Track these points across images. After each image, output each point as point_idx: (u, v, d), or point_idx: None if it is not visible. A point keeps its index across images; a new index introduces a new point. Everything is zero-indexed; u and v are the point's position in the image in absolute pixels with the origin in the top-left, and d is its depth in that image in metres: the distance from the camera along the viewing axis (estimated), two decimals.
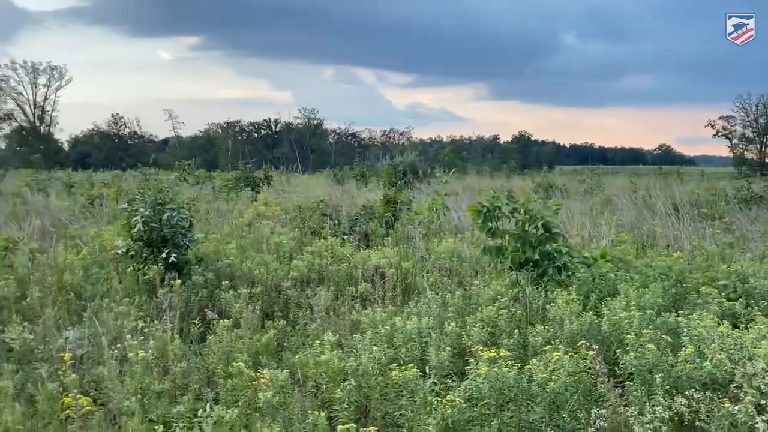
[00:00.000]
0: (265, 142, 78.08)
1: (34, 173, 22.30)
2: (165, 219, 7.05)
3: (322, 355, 3.98)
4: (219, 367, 4.52)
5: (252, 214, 11.83)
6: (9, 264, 7.08)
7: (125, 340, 4.69)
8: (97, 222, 12.14)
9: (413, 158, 32.41)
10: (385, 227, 10.63)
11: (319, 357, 4.01)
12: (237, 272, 7.27)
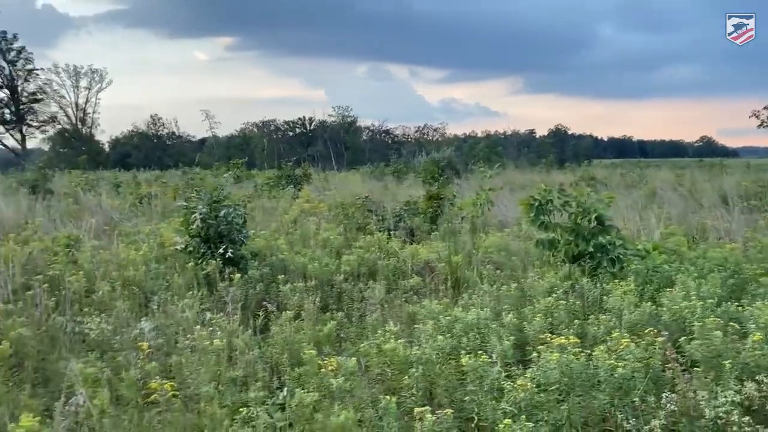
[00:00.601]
0: (300, 140, 78.79)
1: (83, 173, 23.01)
2: (222, 216, 7.30)
3: (387, 344, 4.12)
4: (284, 356, 4.71)
5: (296, 211, 12.06)
6: (73, 260, 7.39)
7: (194, 331, 4.92)
8: (148, 219, 12.54)
9: (450, 154, 32.45)
10: (429, 223, 10.75)
11: (384, 346, 4.15)
12: (290, 267, 7.47)
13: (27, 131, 57.51)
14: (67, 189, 17.65)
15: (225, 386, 4.01)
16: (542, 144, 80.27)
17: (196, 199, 7.53)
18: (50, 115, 59.51)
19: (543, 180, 21.53)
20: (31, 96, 57.63)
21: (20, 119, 56.50)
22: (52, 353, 4.79)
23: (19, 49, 56.35)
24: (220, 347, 4.26)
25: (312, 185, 20.29)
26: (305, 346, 4.58)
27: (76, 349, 4.92)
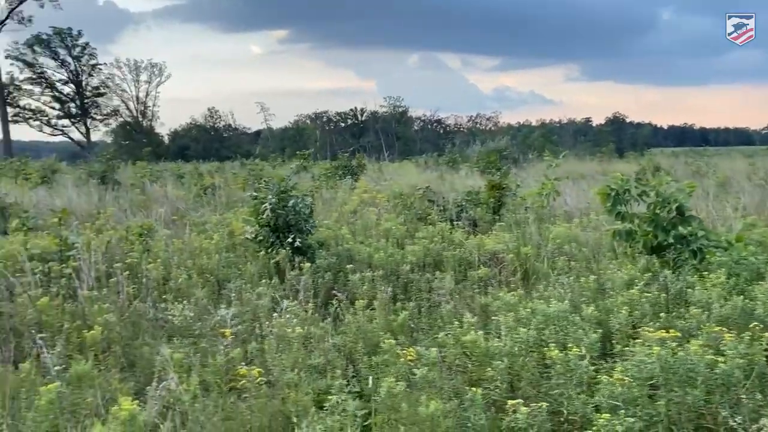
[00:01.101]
0: (352, 131, 79.18)
1: (148, 165, 23.73)
2: (290, 206, 7.39)
3: (467, 335, 4.08)
4: (359, 345, 4.73)
5: (356, 201, 12.12)
6: (148, 249, 7.62)
7: (272, 318, 5.01)
8: (213, 210, 12.84)
9: (506, 143, 32.01)
10: (492, 213, 10.61)
11: (464, 337, 4.11)
12: (356, 256, 7.51)
13: (91, 124, 59.68)
14: (133, 180, 18.24)
15: (306, 374, 4.05)
16: (599, 132, 78.14)
17: (265, 189, 7.64)
18: (113, 108, 61.58)
19: (605, 169, 21.00)
20: (94, 90, 59.73)
21: (85, 113, 58.66)
22: (135, 339, 4.95)
23: (84, 45, 58.42)
24: (302, 334, 4.30)
25: (367, 175, 20.38)
26: (381, 336, 4.60)
27: (158, 335, 5.07)
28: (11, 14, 50.84)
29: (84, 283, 5.65)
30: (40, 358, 4.31)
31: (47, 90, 57.12)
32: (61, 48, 57.64)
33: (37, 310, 5.05)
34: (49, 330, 4.85)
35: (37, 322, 4.99)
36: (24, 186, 14.28)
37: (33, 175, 16.53)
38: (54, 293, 5.59)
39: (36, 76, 56.56)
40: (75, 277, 5.79)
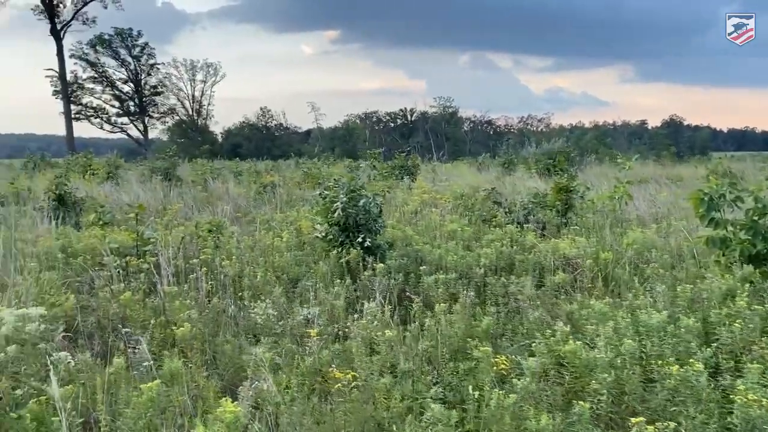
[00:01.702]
0: (401, 131, 79.12)
1: (208, 162, 24.16)
2: (361, 205, 7.32)
3: (566, 345, 3.89)
4: (443, 350, 4.59)
5: (417, 201, 11.98)
6: (217, 245, 7.66)
7: (349, 319, 4.92)
8: (274, 207, 12.93)
9: (561, 145, 31.33)
10: (559, 216, 10.32)
11: (563, 347, 3.93)
12: (426, 258, 7.37)
13: (148, 122, 61.38)
14: (193, 177, 18.57)
15: (393, 378, 3.94)
16: (655, 135, 75.88)
17: (336, 188, 7.59)
18: (169, 107, 63.23)
19: (671, 173, 20.27)
20: (152, 89, 61.41)
21: (143, 111, 60.36)
22: (216, 336, 4.93)
23: (143, 45, 60.12)
24: (392, 338, 4.19)
25: (422, 176, 20.21)
26: (467, 341, 4.45)
27: (238, 332, 5.05)
28: (76, 15, 52.64)
29: (164, 279, 5.68)
30: (127, 353, 4.33)
31: (108, 88, 59.05)
32: (122, 48, 59.49)
33: (120, 304, 5.09)
34: (132, 325, 4.87)
35: (120, 316, 5.03)
36: (92, 181, 14.68)
37: (100, 170, 17.00)
38: (134, 288, 5.65)
39: (98, 75, 58.54)
40: (154, 272, 5.83)
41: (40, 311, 3.32)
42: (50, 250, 6.69)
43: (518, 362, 4.07)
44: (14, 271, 5.48)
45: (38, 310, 3.32)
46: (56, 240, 7.14)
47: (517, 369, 4.02)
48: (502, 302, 6.01)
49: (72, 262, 6.45)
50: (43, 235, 7.48)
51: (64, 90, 53.07)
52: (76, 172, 16.53)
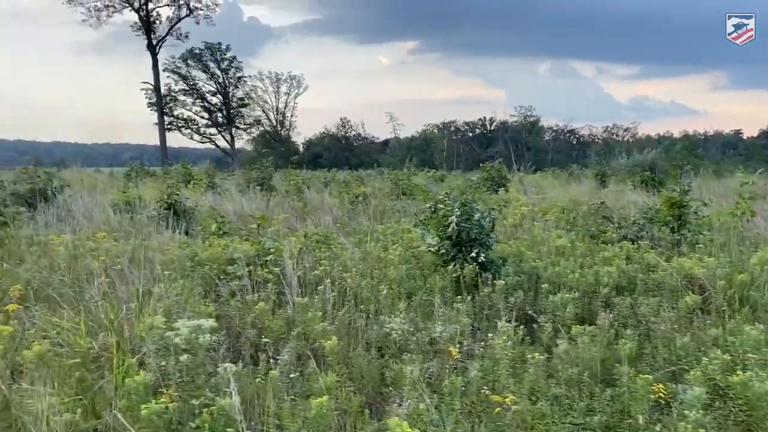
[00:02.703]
0: (479, 141, 78.54)
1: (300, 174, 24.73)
2: (476, 219, 7.23)
3: (735, 376, 3.65)
4: (584, 375, 4.42)
5: (518, 214, 11.75)
6: (333, 256, 7.74)
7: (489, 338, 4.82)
8: (369, 218, 13.03)
9: (654, 156, 30.11)
10: (672, 233, 9.85)
11: (728, 377, 3.69)
12: (544, 275, 7.17)
13: (235, 133, 63.72)
14: (286, 187, 19.03)
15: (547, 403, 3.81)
16: (751, 146, 71.78)
17: (448, 202, 7.53)
18: (255, 118, 65.50)
19: None
20: (239, 101, 63.80)
21: (230, 122, 62.76)
22: (349, 349, 4.95)
23: (231, 58, 62.63)
24: (540, 361, 4.07)
25: (512, 188, 19.88)
26: (616, 366, 4.27)
27: (370, 346, 5.05)
28: (171, 31, 55.43)
29: (293, 290, 5.79)
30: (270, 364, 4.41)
31: (198, 100, 61.74)
32: (211, 61, 62.18)
33: (256, 314, 5.21)
34: (270, 335, 4.97)
35: (257, 326, 5.15)
36: (196, 191, 15.30)
37: (202, 180, 17.71)
38: (263, 298, 5.78)
39: (189, 87, 61.36)
40: (283, 282, 5.94)
41: (211, 323, 3.42)
42: (177, 258, 6.96)
43: (675, 391, 3.87)
44: (153, 280, 5.72)
45: (209, 323, 3.42)
46: (180, 249, 7.43)
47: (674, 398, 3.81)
48: (632, 324, 5.77)
49: (199, 270, 6.68)
50: (167, 243, 7.80)
51: (159, 102, 55.91)
52: (179, 182, 17.27)
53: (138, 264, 6.44)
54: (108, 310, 4.76)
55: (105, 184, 21.09)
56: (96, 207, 12.52)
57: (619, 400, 4.01)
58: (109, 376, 3.88)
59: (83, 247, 7.26)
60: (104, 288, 5.18)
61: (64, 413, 3.30)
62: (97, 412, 3.66)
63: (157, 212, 11.51)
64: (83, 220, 11.05)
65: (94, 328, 4.69)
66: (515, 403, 3.47)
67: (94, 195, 14.84)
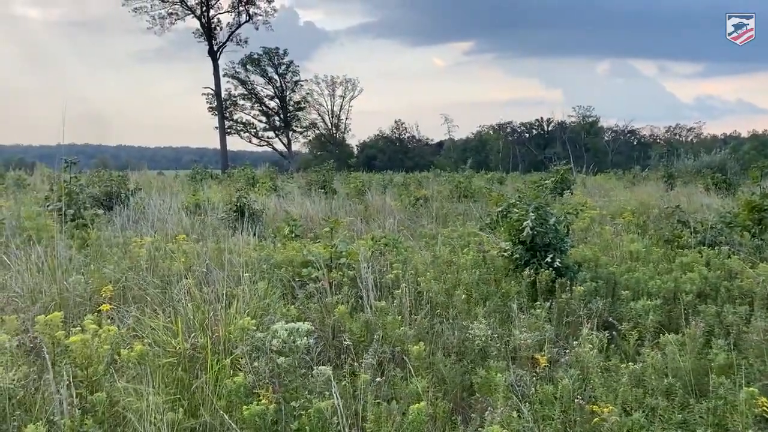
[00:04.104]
0: (536, 142, 77.32)
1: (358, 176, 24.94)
2: (551, 224, 7.11)
3: None
4: (676, 385, 4.29)
5: (587, 218, 11.49)
6: (403, 259, 7.76)
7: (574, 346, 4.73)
8: (431, 221, 13.01)
9: (723, 157, 28.98)
10: (753, 237, 9.45)
11: None
12: (622, 281, 6.99)
13: (292, 136, 64.75)
14: (346, 189, 19.21)
15: (643, 414, 3.71)
16: None
17: (522, 205, 7.44)
18: (311, 121, 66.41)
19: None
20: (296, 105, 64.82)
21: (287, 125, 63.84)
22: (431, 354, 4.94)
23: (288, 63, 63.75)
24: (634, 371, 3.97)
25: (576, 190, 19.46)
26: (712, 378, 4.12)
27: (450, 351, 5.04)
28: (231, 37, 56.83)
29: (369, 293, 5.83)
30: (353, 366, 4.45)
31: (256, 104, 63.05)
32: (269, 66, 63.42)
33: (336, 317, 5.27)
34: (351, 338, 5.02)
35: (339, 329, 5.20)
36: (261, 193, 15.62)
37: (266, 183, 18.07)
38: (341, 300, 5.84)
39: (247, 92, 62.74)
40: (360, 285, 5.99)
41: (307, 326, 3.48)
42: (254, 260, 7.11)
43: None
44: (235, 281, 5.86)
45: (306, 326, 3.48)
46: (255, 251, 7.59)
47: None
48: (719, 333, 5.55)
49: (275, 272, 6.81)
50: (242, 245, 7.99)
51: (219, 106, 57.36)
52: (244, 185, 17.67)
53: (218, 265, 6.64)
54: (195, 311, 4.90)
55: (172, 186, 21.78)
56: (168, 209, 12.93)
57: (715, 413, 3.88)
58: (204, 376, 4.00)
59: (164, 249, 7.51)
60: (191, 288, 5.33)
61: (168, 412, 3.41)
62: (195, 411, 3.78)
63: (227, 215, 11.79)
64: (157, 222, 11.42)
65: (184, 329, 4.84)
66: (611, 413, 3.38)
67: (164, 197, 15.34)
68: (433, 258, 7.93)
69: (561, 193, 16.65)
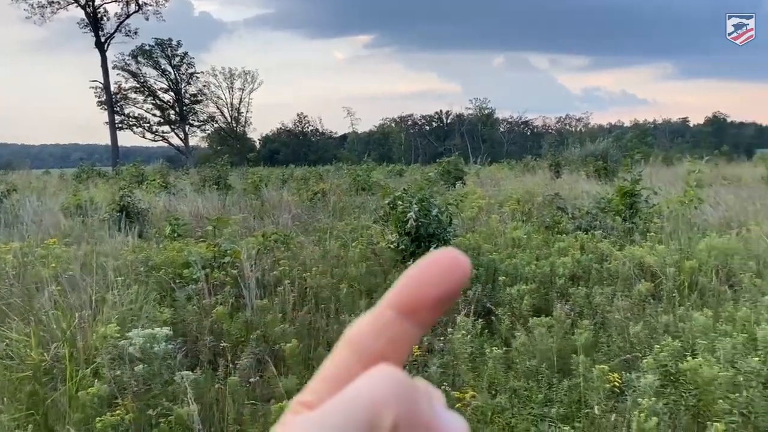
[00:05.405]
0: (436, 134, 78.98)
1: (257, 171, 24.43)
2: (434, 215, 7.28)
3: (685, 362, 3.77)
4: (542, 366, 4.51)
5: (475, 208, 11.87)
6: (291, 255, 7.69)
7: (444, 334, 4.87)
8: (329, 215, 12.98)
9: (606, 145, 30.75)
10: (624, 221, 10.11)
11: (679, 363, 3.81)
12: (501, 267, 7.27)
13: (189, 130, 62.46)
14: (243, 185, 18.78)
15: (507, 397, 3.87)
16: (698, 133, 74.23)
17: (407, 198, 7.56)
18: (209, 115, 64.31)
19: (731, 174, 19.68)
20: (192, 98, 62.52)
21: (183, 119, 61.47)
22: (312, 349, 4.94)
23: (183, 54, 61.31)
24: (498, 355, 4.13)
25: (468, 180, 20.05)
26: (573, 357, 4.36)
27: (331, 346, 5.04)
28: (120, 27, 53.93)
29: (251, 292, 5.72)
30: (229, 368, 4.36)
31: (149, 98, 60.27)
32: (162, 58, 60.74)
33: (213, 319, 5.14)
34: (228, 339, 4.91)
35: (216, 331, 5.07)
36: (149, 191, 14.96)
37: (155, 180, 17.32)
38: (220, 301, 5.70)
39: (140, 85, 59.83)
40: (241, 285, 5.87)
41: (166, 331, 3.35)
42: (131, 263, 6.80)
43: (629, 379, 3.98)
44: (106, 286, 5.57)
45: (164, 331, 3.36)
46: (134, 253, 7.26)
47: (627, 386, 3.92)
48: (588, 314, 5.90)
49: (154, 275, 6.54)
50: (120, 247, 7.62)
51: (109, 100, 54.38)
52: (131, 183, 16.86)
53: (90, 270, 6.28)
54: (60, 319, 4.62)
55: (55, 187, 20.43)
56: (46, 211, 12.12)
57: (576, 390, 4.12)
58: (63, 388, 3.77)
59: (32, 255, 7.03)
60: (55, 297, 5.01)
61: (14, 431, 3.19)
62: (50, 426, 3.56)
63: (109, 215, 11.20)
64: (32, 225, 10.68)
65: (46, 339, 4.54)
66: (474, 398, 3.51)
67: (43, 199, 14.37)
68: (324, 253, 7.92)
69: (454, 183, 17.08)
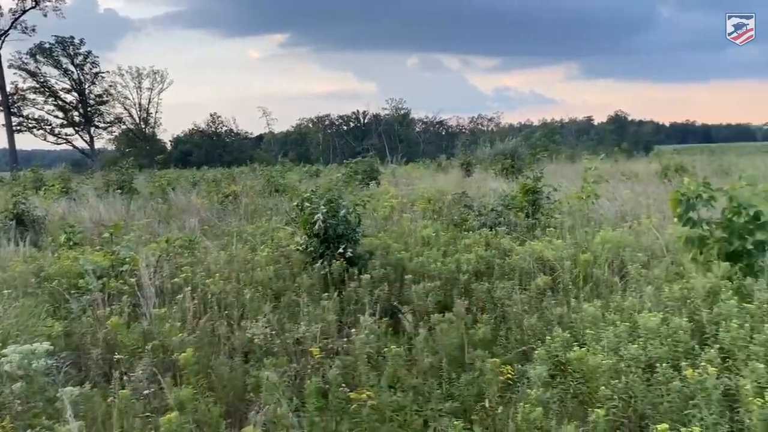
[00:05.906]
0: (354, 134, 79.14)
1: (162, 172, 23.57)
2: (342, 216, 7.28)
3: (572, 352, 3.96)
4: (443, 360, 4.61)
5: (388, 207, 11.98)
6: (196, 261, 7.48)
7: (351, 334, 4.88)
8: (239, 218, 12.72)
9: (515, 144, 31.83)
10: (527, 217, 10.49)
11: (567, 353, 4.00)
12: (408, 266, 7.37)
13: (95, 132, 59.52)
14: (150, 189, 18.10)
15: (404, 395, 3.93)
16: (602, 131, 78.22)
17: (315, 199, 7.52)
18: (116, 116, 61.50)
19: (628, 170, 20.85)
20: (97, 98, 59.59)
21: (88, 121, 58.50)
22: (211, 358, 4.82)
23: (86, 53, 58.34)
24: (399, 353, 4.18)
25: (383, 180, 20.22)
26: (470, 351, 4.49)
27: (233, 354, 4.94)
28: (15, 24, 50.65)
29: (149, 300, 5.52)
30: (123, 382, 4.19)
31: (50, 99, 56.95)
32: (64, 57, 57.57)
33: (108, 330, 4.92)
34: (123, 351, 4.72)
35: (111, 342, 4.86)
36: (48, 197, 14.14)
37: (54, 186, 16.38)
38: (117, 311, 5.47)
39: (39, 85, 56.43)
40: (138, 294, 5.65)
41: (46, 347, 3.18)
42: (21, 274, 6.41)
43: (523, 371, 4.13)
44: None
45: (44, 346, 3.18)
46: (25, 263, 6.85)
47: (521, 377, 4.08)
48: (489, 308, 6.08)
49: (47, 286, 6.19)
50: (11, 258, 7.16)
51: (5, 101, 50.99)
52: (28, 189, 15.88)
53: None
54: None
55: None
56: None
57: (475, 384, 4.23)
58: None
59: None
60: None
61: None
62: None
63: (1, 223, 10.51)
64: None
65: None
66: (372, 398, 3.54)
67: None
68: (230, 257, 7.75)
69: (368, 183, 17.18)
